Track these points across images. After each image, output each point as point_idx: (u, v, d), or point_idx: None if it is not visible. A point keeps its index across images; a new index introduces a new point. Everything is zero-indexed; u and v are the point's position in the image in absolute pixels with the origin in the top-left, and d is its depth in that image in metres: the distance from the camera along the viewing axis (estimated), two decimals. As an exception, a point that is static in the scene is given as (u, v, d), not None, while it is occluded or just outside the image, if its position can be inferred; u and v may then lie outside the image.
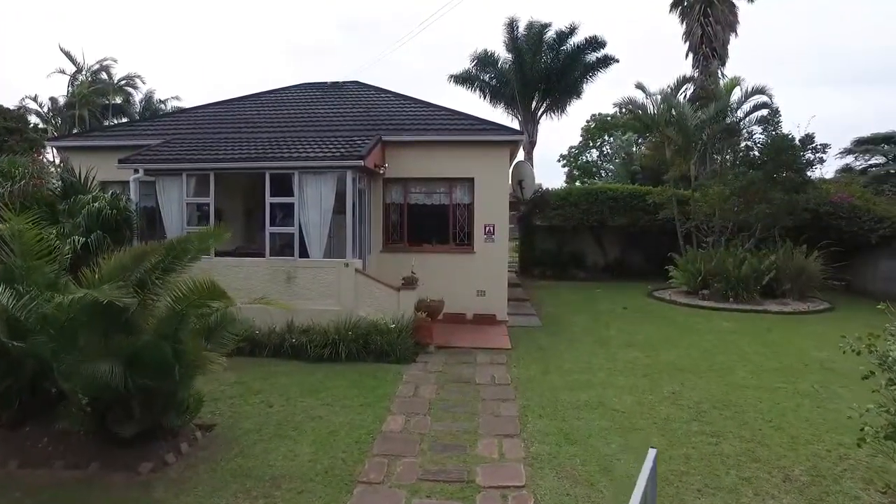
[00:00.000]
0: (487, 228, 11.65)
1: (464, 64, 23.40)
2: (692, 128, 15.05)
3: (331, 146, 10.32)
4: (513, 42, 20.19)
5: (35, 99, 24.89)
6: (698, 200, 14.82)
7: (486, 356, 8.98)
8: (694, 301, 13.91)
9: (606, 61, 21.35)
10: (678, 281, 15.21)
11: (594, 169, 44.00)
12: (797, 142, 14.10)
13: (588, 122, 42.61)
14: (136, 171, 10.06)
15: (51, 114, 24.77)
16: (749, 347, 9.58)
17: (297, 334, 8.87)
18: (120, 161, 10.10)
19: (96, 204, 9.14)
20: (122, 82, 26.77)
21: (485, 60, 22.52)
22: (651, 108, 16.18)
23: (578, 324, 11.58)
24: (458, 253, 11.77)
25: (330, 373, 7.98)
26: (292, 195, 9.77)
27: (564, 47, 20.78)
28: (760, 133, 14.70)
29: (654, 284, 16.33)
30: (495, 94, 22.33)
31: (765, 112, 14.98)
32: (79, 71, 25.64)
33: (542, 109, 22.04)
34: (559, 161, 44.51)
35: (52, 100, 25.75)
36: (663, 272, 16.10)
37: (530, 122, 21.40)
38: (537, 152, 23.27)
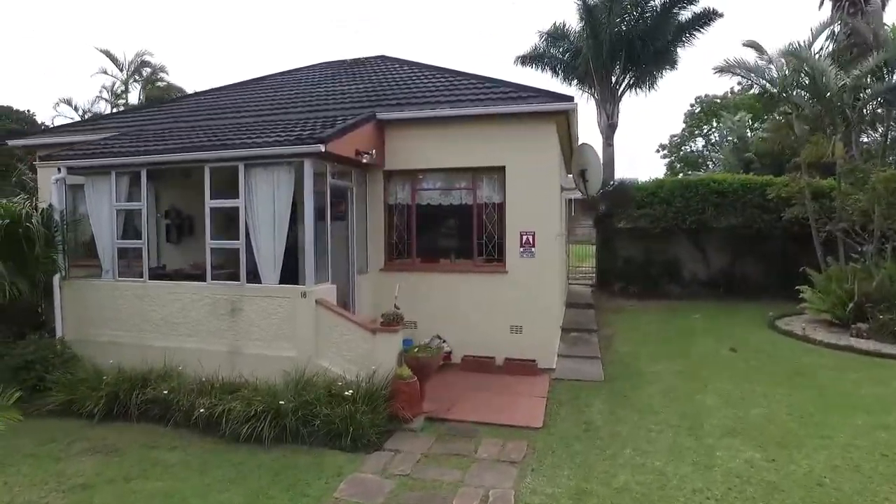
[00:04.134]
0: (525, 238, 8.30)
1: (532, 45, 19.70)
2: (837, 89, 10.49)
3: (295, 130, 7.56)
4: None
5: (69, 102, 24.75)
6: (849, 192, 10.30)
7: (494, 444, 5.67)
8: (843, 339, 9.50)
9: (707, 17, 16.63)
10: (816, 307, 10.78)
11: (699, 160, 38.23)
12: None
13: (692, 105, 37.02)
14: (59, 170, 7.90)
15: (86, 115, 24.44)
16: (969, 449, 5.42)
17: (217, 396, 6.13)
18: (41, 158, 8.01)
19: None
20: (153, 78, 26.04)
21: (556, 35, 18.89)
22: (770, 69, 11.68)
23: (658, 379, 7.84)
24: (483, 273, 8.50)
25: (234, 471, 5.13)
26: (238, 197, 7.14)
27: (652, 2, 16.52)
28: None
29: (776, 308, 11.98)
30: (567, 70, 18.48)
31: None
32: (120, 69, 25.20)
33: (624, 84, 17.84)
34: (658, 151, 39.27)
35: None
36: (790, 290, 11.74)
37: (609, 101, 17.33)
38: (623, 140, 19.13)
